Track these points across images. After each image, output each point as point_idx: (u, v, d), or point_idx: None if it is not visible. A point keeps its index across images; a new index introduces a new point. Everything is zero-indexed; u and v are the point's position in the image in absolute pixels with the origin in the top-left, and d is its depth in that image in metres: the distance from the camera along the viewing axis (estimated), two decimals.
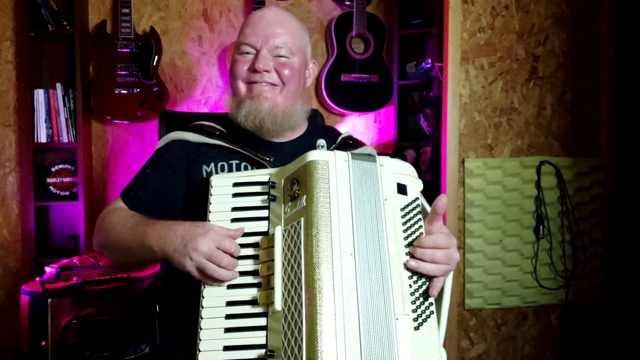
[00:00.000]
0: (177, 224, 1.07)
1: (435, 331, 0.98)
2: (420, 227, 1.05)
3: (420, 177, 1.14)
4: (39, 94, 2.72)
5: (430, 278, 1.02)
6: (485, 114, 2.35)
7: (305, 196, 1.00)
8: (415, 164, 2.98)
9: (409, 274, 1.00)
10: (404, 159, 3.04)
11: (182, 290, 1.20)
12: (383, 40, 3.13)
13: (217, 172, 1.25)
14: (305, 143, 1.33)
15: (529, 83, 2.40)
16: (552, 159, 2.40)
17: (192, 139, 1.28)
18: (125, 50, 2.84)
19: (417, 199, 1.08)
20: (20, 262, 2.84)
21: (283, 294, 0.97)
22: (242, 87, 1.29)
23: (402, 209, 1.04)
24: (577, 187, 2.42)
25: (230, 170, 1.26)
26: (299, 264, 0.96)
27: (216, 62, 3.07)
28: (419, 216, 1.06)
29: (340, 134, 1.41)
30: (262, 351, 0.97)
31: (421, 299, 1.00)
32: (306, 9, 3.15)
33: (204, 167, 1.25)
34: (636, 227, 2.41)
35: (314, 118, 1.43)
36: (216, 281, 1.02)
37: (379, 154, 1.40)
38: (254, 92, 1.26)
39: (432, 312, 0.99)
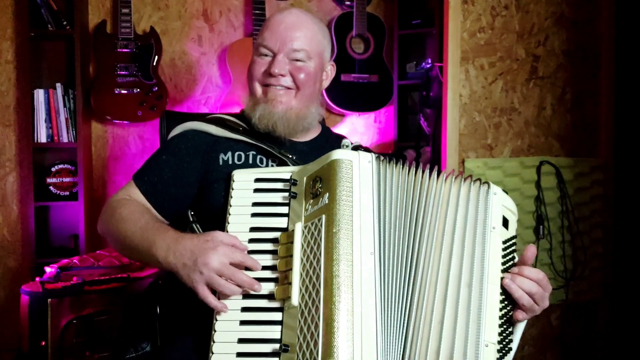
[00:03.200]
0: (185, 237, 1.06)
1: None
2: (514, 265, 1.04)
3: None
4: (39, 94, 2.72)
5: (514, 307, 1.01)
6: (485, 114, 2.35)
7: (327, 194, 1.00)
8: (415, 164, 2.98)
9: (501, 305, 0.98)
10: (404, 159, 3.04)
11: (183, 290, 1.20)
12: (383, 40, 3.13)
13: (233, 161, 1.26)
14: (320, 144, 1.36)
15: (529, 83, 2.40)
16: (552, 159, 2.40)
17: (215, 132, 1.30)
18: (125, 50, 2.84)
19: (515, 236, 1.06)
20: (20, 262, 2.84)
21: (300, 290, 0.97)
22: (258, 88, 1.32)
23: (504, 242, 1.02)
24: (577, 187, 2.42)
25: (247, 160, 1.27)
26: (318, 260, 0.96)
27: (216, 62, 3.07)
28: (514, 254, 1.05)
29: (351, 143, 1.43)
30: (277, 345, 0.97)
31: (507, 332, 0.97)
32: (306, 9, 3.15)
33: (221, 155, 1.27)
34: (636, 227, 2.41)
35: (325, 126, 1.47)
36: (226, 296, 1.01)
37: (380, 154, 1.40)
38: (268, 95, 1.29)
39: (511, 349, 0.98)
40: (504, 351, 0.95)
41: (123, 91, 2.82)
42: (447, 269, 0.97)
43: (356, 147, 1.38)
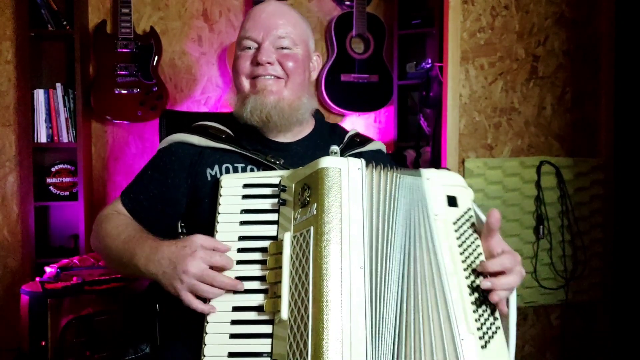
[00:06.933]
0: (164, 244, 1.05)
1: (504, 346, 0.97)
2: (476, 239, 1.02)
3: None
4: (39, 94, 2.72)
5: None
6: (485, 114, 2.36)
7: (315, 204, 0.97)
8: (415, 164, 2.98)
9: (469, 290, 0.96)
10: (404, 159, 3.04)
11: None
12: (383, 40, 3.13)
13: (222, 175, 1.21)
14: (313, 142, 1.31)
15: (529, 83, 2.40)
16: (552, 159, 2.40)
17: (197, 142, 1.24)
18: (125, 50, 2.84)
19: (469, 209, 1.04)
20: (20, 262, 2.84)
21: (290, 304, 0.95)
22: (245, 83, 1.25)
23: (455, 222, 1.01)
24: (577, 187, 2.42)
25: (235, 173, 1.22)
26: (307, 275, 0.93)
27: (216, 62, 3.07)
28: (473, 228, 1.03)
29: (347, 131, 1.39)
30: (267, 359, 0.96)
31: (485, 315, 0.97)
32: (306, 9, 3.15)
33: (208, 170, 1.22)
34: (636, 227, 2.41)
35: (319, 116, 1.40)
36: (213, 300, 1.01)
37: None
38: (258, 86, 1.23)
39: (498, 328, 0.97)
40: (487, 336, 0.95)
41: (123, 91, 2.82)
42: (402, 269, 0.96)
43: (352, 137, 1.35)
